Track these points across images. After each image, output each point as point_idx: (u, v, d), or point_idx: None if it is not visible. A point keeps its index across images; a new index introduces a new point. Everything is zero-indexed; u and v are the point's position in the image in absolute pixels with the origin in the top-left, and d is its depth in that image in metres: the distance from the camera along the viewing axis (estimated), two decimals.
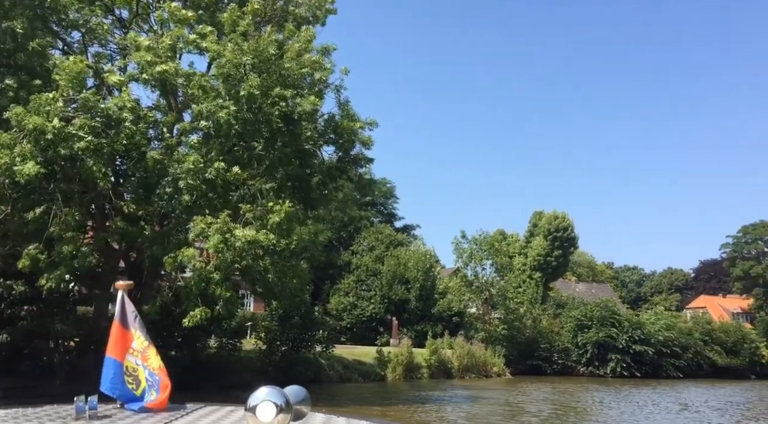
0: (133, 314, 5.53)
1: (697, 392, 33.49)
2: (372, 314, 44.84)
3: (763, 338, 53.96)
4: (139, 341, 5.44)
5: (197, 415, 4.81)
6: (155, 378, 5.28)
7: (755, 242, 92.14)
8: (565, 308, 48.91)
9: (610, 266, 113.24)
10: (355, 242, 49.89)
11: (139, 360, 5.40)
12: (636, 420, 20.12)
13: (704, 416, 21.79)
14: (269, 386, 3.84)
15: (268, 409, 3.64)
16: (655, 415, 21.46)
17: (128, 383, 5.34)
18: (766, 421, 21.30)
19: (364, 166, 17.80)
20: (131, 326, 5.49)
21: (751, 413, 23.31)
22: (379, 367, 30.82)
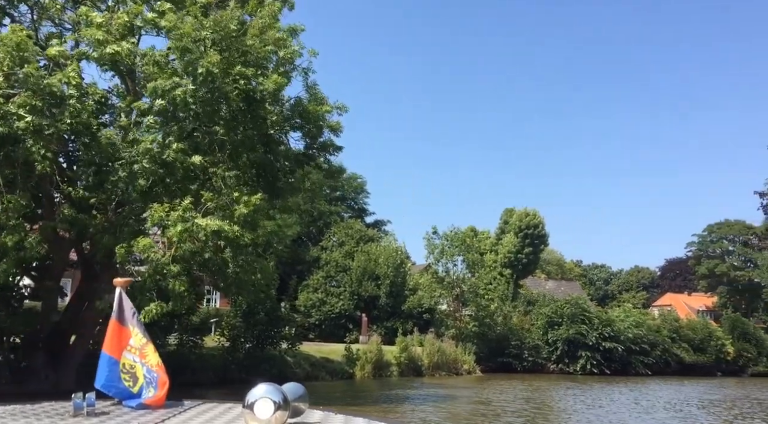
0: (131, 311, 5.53)
1: (671, 389, 33.35)
2: (341, 311, 44.00)
3: (729, 336, 54.52)
4: (137, 337, 5.44)
5: (195, 412, 4.77)
6: (153, 375, 5.28)
7: (720, 240, 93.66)
8: (535, 305, 48.73)
9: (578, 264, 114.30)
10: (324, 238, 48.97)
11: (137, 357, 5.38)
12: (623, 420, 19.60)
13: (690, 414, 21.39)
14: (267, 383, 3.82)
15: (266, 406, 3.63)
16: (643, 415, 20.87)
17: (125, 381, 5.31)
18: (752, 420, 20.94)
19: (333, 154, 16.91)
20: (129, 323, 5.48)
21: (738, 411, 23.01)
22: (347, 364, 30.02)
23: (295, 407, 4.03)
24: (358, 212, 55.03)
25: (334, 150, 16.76)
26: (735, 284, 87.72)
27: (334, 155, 16.95)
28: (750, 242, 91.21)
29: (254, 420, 3.73)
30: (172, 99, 13.21)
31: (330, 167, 17.42)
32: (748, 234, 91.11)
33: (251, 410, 3.70)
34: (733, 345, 54.07)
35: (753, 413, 22.73)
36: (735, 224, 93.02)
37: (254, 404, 3.70)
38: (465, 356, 38.04)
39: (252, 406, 3.71)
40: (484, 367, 39.56)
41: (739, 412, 22.74)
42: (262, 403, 3.69)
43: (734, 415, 21.80)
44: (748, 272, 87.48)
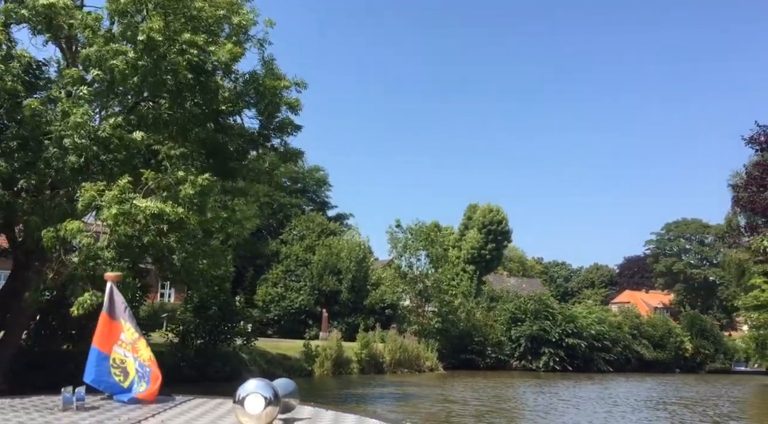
0: (123, 306, 5.48)
1: (642, 387, 32.96)
2: (301, 306, 42.63)
3: (688, 333, 55.05)
4: (129, 332, 5.37)
5: (186, 407, 4.77)
6: (146, 369, 5.23)
7: (677, 239, 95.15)
8: (499, 302, 48.22)
9: (539, 262, 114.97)
10: (284, 231, 47.46)
11: (129, 352, 5.29)
12: (609, 418, 18.78)
13: (676, 412, 20.70)
14: (258, 379, 3.88)
15: (257, 401, 3.65)
16: (629, 415, 19.94)
17: (115, 375, 5.25)
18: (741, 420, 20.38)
19: (292, 134, 15.60)
20: (120, 318, 5.40)
21: (721, 410, 22.40)
22: (306, 362, 28.78)
23: (285, 402, 3.99)
24: (320, 205, 53.63)
25: (293, 130, 15.48)
26: (691, 282, 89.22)
27: (293, 135, 15.65)
28: (706, 241, 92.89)
29: (245, 415, 3.70)
30: (110, 69, 11.76)
31: (287, 149, 16.04)
32: (705, 233, 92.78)
33: (242, 405, 3.67)
34: (692, 342, 54.65)
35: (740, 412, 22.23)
36: (692, 222, 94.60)
37: (245, 399, 3.67)
38: (427, 353, 37.16)
39: (242, 401, 3.68)
40: (447, 364, 38.77)
41: (729, 411, 22.14)
42: (253, 398, 3.66)
43: (719, 414, 21.15)
44: (704, 270, 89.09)
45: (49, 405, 4.81)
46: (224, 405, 4.87)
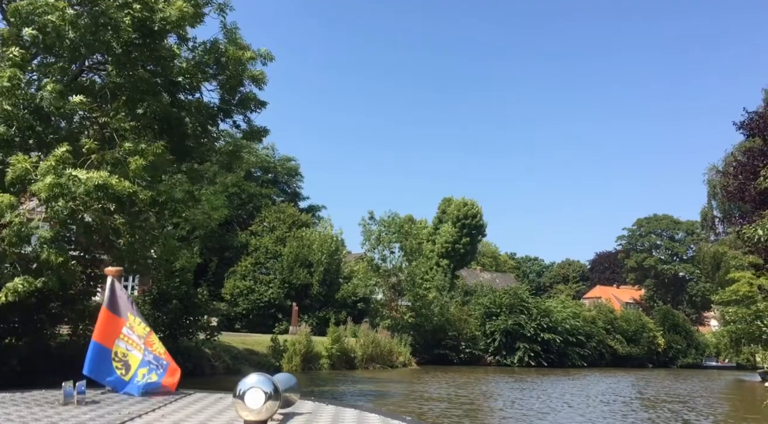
0: (127, 300, 5.54)
1: (623, 382, 32.09)
2: (270, 300, 41.24)
3: (660, 328, 54.97)
4: (141, 327, 5.48)
5: (186, 401, 4.79)
6: (162, 362, 5.33)
7: (648, 235, 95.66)
8: (473, 296, 47.41)
9: (512, 257, 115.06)
10: (254, 222, 45.93)
11: (132, 346, 5.31)
12: (600, 416, 17.80)
13: (668, 409, 19.76)
14: (258, 373, 3.90)
15: (257, 396, 3.67)
16: (631, 414, 18.80)
17: (117, 369, 5.30)
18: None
19: (256, 110, 14.26)
20: (123, 312, 5.44)
21: (724, 409, 21.44)
22: (273, 357, 27.46)
23: (285, 397, 3.99)
24: (292, 196, 52.14)
25: (257, 106, 14.15)
26: (661, 277, 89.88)
27: (257, 112, 14.31)
28: (676, 237, 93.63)
29: (245, 410, 3.69)
30: (43, 25, 10.33)
31: (251, 127, 14.67)
32: (675, 229, 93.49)
33: (242, 399, 3.67)
34: (664, 337, 54.59)
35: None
36: (663, 218, 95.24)
37: (245, 393, 3.66)
38: (401, 348, 36.11)
39: (243, 396, 3.67)
40: (420, 359, 37.79)
41: (725, 411, 21.23)
42: (253, 393, 3.65)
43: (723, 413, 20.20)
44: (674, 265, 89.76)
45: (49, 399, 4.77)
46: (224, 399, 4.85)
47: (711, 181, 43.51)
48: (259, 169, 49.96)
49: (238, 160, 15.12)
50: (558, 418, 16.68)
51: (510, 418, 16.33)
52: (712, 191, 44.08)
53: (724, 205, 44.30)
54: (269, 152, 50.73)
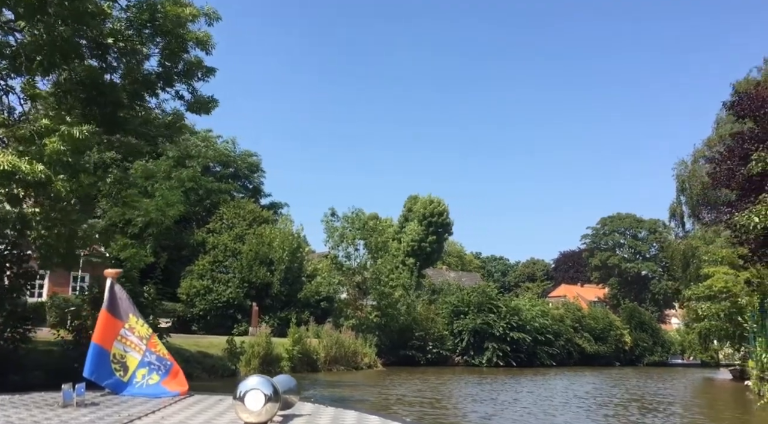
0: (128, 301, 5.62)
1: (603, 381, 31.13)
2: (229, 300, 39.27)
3: (627, 325, 54.69)
4: (144, 328, 5.58)
5: (186, 403, 4.92)
6: (165, 362, 5.43)
7: (612, 233, 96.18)
8: (440, 294, 46.16)
9: (478, 256, 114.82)
10: (212, 219, 43.80)
11: (133, 347, 5.32)
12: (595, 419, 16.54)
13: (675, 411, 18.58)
14: (258, 376, 4.03)
15: (257, 398, 3.78)
16: (635, 417, 17.64)
17: (116, 371, 5.39)
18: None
19: (203, 79, 12.55)
20: (124, 314, 5.56)
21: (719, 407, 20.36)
22: (229, 359, 25.66)
23: (285, 399, 4.09)
24: (253, 192, 50.12)
25: (204, 74, 12.45)
26: (625, 276, 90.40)
27: (204, 80, 12.62)
28: (639, 235, 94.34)
29: (245, 412, 3.78)
30: None
31: (196, 97, 12.91)
32: (638, 227, 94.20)
33: (242, 401, 3.74)
34: (631, 335, 54.30)
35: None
36: (626, 217, 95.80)
37: (245, 395, 3.74)
38: (366, 349, 34.59)
39: (243, 398, 3.75)
40: (386, 360, 36.33)
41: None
42: (253, 395, 3.74)
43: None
44: (638, 264, 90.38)
45: (49, 401, 4.78)
46: (224, 401, 4.94)
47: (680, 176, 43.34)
48: (219, 164, 47.82)
49: (179, 134, 13.31)
50: (568, 419, 15.42)
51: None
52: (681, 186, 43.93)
53: (693, 200, 44.27)
54: (229, 146, 48.68)
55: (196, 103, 12.87)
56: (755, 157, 14.51)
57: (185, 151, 44.77)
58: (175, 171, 43.69)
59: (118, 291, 5.56)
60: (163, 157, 45.30)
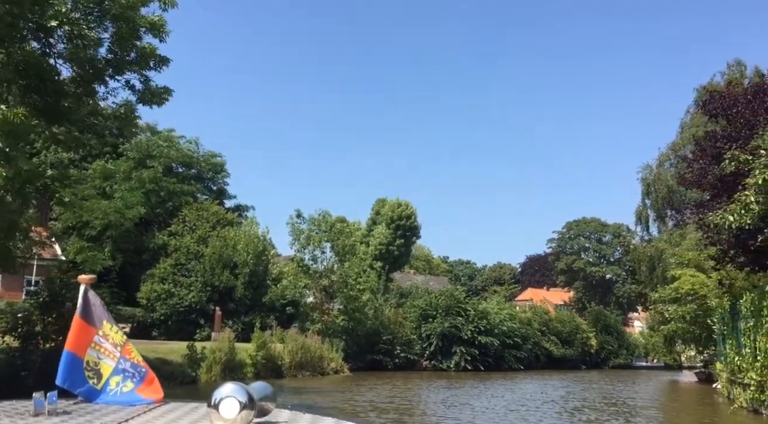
0: (101, 308, 5.55)
1: (573, 385, 30.82)
2: (191, 304, 38.03)
3: (593, 329, 54.96)
4: (118, 335, 5.46)
5: (161, 411, 4.81)
6: (139, 369, 5.32)
7: (577, 237, 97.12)
8: (408, 297, 45.65)
9: (445, 260, 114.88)
10: (174, 221, 42.50)
11: (107, 354, 5.15)
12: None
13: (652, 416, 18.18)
14: (234, 383, 4.07)
15: (232, 405, 3.79)
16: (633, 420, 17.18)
17: (89, 378, 5.35)
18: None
19: (156, 68, 11.74)
20: (98, 321, 5.43)
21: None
22: (189, 366, 24.65)
23: (261, 406, 4.02)
24: (217, 193, 48.81)
25: (157, 63, 11.64)
26: (590, 279, 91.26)
27: (157, 70, 11.79)
28: (604, 239, 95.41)
29: (219, 420, 3.76)
30: None
31: (149, 87, 12.04)
32: (603, 231, 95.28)
33: (216, 409, 3.74)
34: (597, 338, 54.59)
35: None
36: (591, 221, 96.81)
37: (220, 403, 3.74)
38: (332, 354, 33.84)
39: (217, 405, 3.75)
40: (353, 365, 35.63)
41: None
42: (228, 402, 3.74)
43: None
44: (602, 268, 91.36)
45: (20, 410, 4.63)
46: (199, 409, 4.76)
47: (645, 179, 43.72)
48: (181, 165, 46.48)
49: (130, 126, 12.44)
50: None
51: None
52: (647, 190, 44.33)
53: (658, 203, 44.74)
54: (192, 147, 47.40)
55: (148, 93, 12.01)
56: (729, 156, 14.33)
57: (146, 152, 43.47)
58: (135, 172, 42.38)
59: (92, 297, 5.34)
60: (123, 158, 43.91)
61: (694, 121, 40.56)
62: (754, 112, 16.03)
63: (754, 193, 12.67)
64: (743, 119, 16.17)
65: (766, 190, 12.51)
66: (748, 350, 15.58)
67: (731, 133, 16.61)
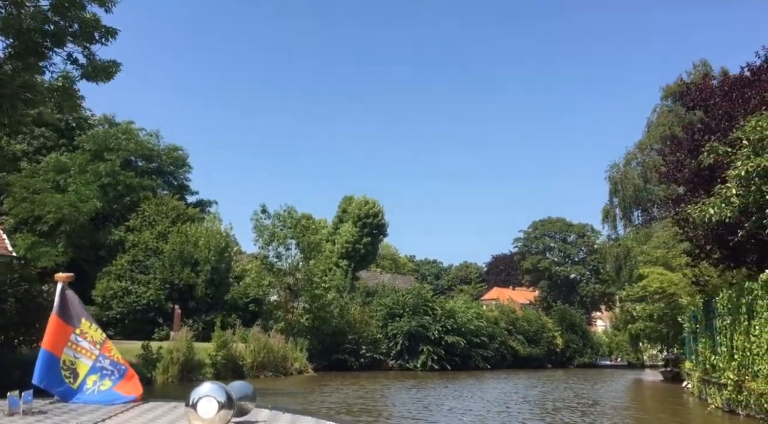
0: (80, 306, 5.39)
1: (543, 384, 30.30)
2: (149, 302, 36.66)
3: (559, 327, 55.02)
4: (97, 333, 5.31)
5: (139, 411, 4.61)
6: (119, 367, 5.16)
7: (543, 237, 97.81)
8: (375, 296, 44.87)
9: (412, 259, 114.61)
10: (132, 216, 40.93)
11: (83, 352, 5.14)
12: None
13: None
14: (212, 382, 3.78)
15: (210, 405, 3.58)
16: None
17: (66, 378, 5.11)
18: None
19: (102, 41, 10.65)
20: (76, 319, 5.31)
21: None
22: (144, 367, 23.43)
23: (240, 406, 3.91)
24: (178, 188, 47.19)
25: (104, 35, 10.56)
26: (555, 279, 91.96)
27: (103, 43, 10.72)
28: (569, 239, 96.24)
29: (197, 419, 3.62)
30: None
31: (93, 61, 10.92)
32: (568, 231, 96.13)
33: (194, 409, 3.59)
34: (562, 337, 54.65)
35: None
36: (557, 221, 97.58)
37: (197, 403, 3.59)
38: (296, 353, 32.89)
39: (195, 405, 3.58)
40: (317, 365, 34.72)
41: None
42: (206, 402, 3.58)
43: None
44: (566, 267, 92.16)
45: None
46: (178, 409, 4.50)
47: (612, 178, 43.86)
48: (141, 158, 44.81)
49: (70, 101, 11.34)
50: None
51: None
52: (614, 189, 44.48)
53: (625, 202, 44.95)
54: (152, 139, 45.73)
55: (92, 68, 10.89)
56: (708, 148, 13.93)
57: (103, 144, 41.78)
58: (91, 165, 40.72)
59: (69, 296, 5.19)
60: (79, 150, 42.16)
61: (660, 120, 40.84)
62: (733, 103, 15.75)
63: (736, 186, 12.27)
64: (722, 111, 15.84)
65: (748, 183, 12.15)
66: (724, 348, 15.26)
67: (710, 125, 16.29)
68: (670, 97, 40.18)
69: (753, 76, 16.66)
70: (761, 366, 12.44)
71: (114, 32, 10.72)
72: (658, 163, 22.27)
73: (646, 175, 41.03)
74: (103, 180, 40.01)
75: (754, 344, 12.84)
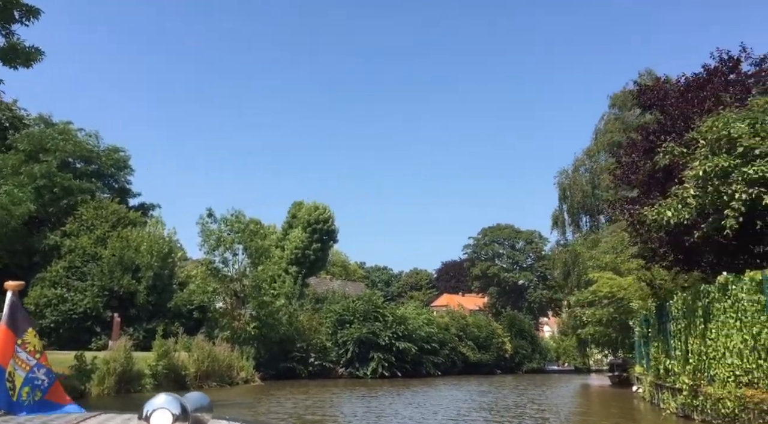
0: (26, 315, 4.98)
1: (497, 390, 29.88)
2: (86, 310, 34.82)
3: (508, 333, 55.28)
4: (40, 343, 5.01)
5: (92, 422, 4.12)
6: (51, 376, 4.92)
7: (492, 244, 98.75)
8: (325, 303, 44.00)
9: (362, 266, 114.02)
10: (69, 220, 38.97)
11: (20, 364, 4.80)
12: None
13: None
14: (166, 394, 3.49)
15: (164, 417, 3.27)
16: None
17: (9, 390, 4.73)
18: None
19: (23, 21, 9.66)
20: (21, 330, 4.88)
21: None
22: (78, 378, 21.99)
23: (196, 418, 3.51)
24: (119, 191, 45.30)
25: (25, 15, 9.58)
26: (503, 285, 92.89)
27: (25, 24, 9.73)
28: (517, 246, 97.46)
29: None
30: None
31: (13, 44, 9.85)
32: (516, 238, 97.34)
33: (147, 422, 3.25)
34: (511, 342, 54.92)
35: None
36: (505, 227, 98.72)
37: (151, 416, 3.24)
38: (242, 362, 31.75)
39: (149, 418, 3.24)
40: (265, 374, 33.64)
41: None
42: (160, 414, 3.23)
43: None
44: (515, 273, 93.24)
45: None
46: (131, 421, 4.00)
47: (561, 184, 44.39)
48: (80, 160, 42.83)
49: None
50: None
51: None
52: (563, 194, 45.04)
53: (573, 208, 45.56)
54: (92, 140, 43.78)
55: (11, 49, 9.85)
56: (663, 148, 13.84)
57: (39, 144, 39.73)
58: (25, 166, 38.68)
59: (17, 305, 4.87)
60: (12, 151, 40.04)
61: (608, 127, 41.62)
62: (689, 104, 15.81)
63: (693, 187, 12.16)
64: (677, 111, 15.89)
65: (705, 184, 12.05)
66: (678, 352, 15.17)
67: (665, 126, 16.32)
68: (616, 105, 41.31)
69: (708, 75, 16.85)
70: (718, 370, 12.33)
71: (36, 12, 9.75)
72: (608, 167, 22.38)
73: (594, 181, 41.93)
74: (38, 182, 37.99)
75: (711, 348, 12.75)
